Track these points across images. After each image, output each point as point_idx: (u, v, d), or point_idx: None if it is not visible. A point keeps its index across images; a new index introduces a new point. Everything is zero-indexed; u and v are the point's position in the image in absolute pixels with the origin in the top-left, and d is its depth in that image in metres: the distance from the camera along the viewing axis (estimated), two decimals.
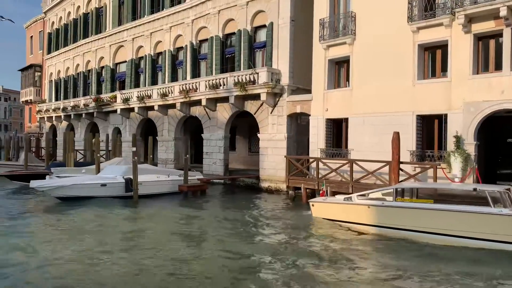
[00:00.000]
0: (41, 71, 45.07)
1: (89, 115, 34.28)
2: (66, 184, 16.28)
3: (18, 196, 19.59)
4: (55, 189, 16.19)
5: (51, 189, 16.17)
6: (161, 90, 26.43)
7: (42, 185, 16.13)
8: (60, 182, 16.34)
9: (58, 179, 16.76)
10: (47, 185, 16.16)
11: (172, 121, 27.30)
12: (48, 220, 13.44)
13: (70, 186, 16.32)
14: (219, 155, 24.15)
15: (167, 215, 14.77)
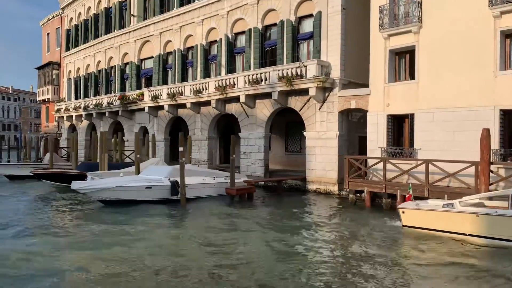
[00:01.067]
0: (59, 69, 44.03)
1: (112, 113, 33.10)
2: (110, 186, 15.02)
3: (54, 197, 18.36)
4: (98, 191, 14.95)
5: (94, 191, 14.93)
6: (194, 86, 25.11)
7: (84, 186, 14.89)
8: (103, 184, 15.08)
9: (101, 181, 15.51)
10: (89, 186, 14.92)
11: (205, 119, 25.98)
12: (106, 232, 12.01)
13: (114, 188, 15.05)
14: (258, 155, 22.79)
15: (224, 225, 13.35)
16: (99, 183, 15.12)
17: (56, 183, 21.35)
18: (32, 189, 21.72)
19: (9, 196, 19.14)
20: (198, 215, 14.54)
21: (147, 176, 16.75)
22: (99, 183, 15.17)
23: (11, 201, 17.58)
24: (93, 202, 16.24)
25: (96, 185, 14.99)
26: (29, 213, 14.62)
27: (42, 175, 21.39)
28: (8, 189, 21.83)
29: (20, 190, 21.78)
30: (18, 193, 20.15)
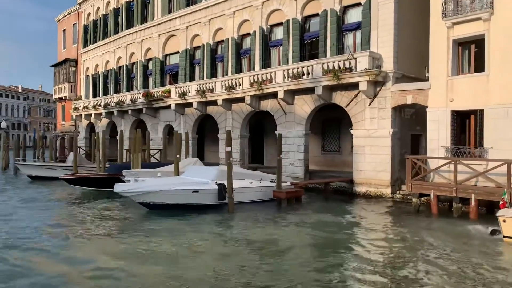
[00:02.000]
0: (76, 66, 43.09)
1: (135, 111, 32.02)
2: (155, 190, 13.84)
3: (90, 203, 17.20)
4: (142, 195, 13.78)
5: (138, 195, 13.76)
6: (226, 82, 23.88)
7: (128, 189, 13.72)
8: (148, 187, 13.90)
9: (145, 183, 14.30)
10: (133, 190, 13.74)
11: (237, 117, 24.75)
12: (162, 243, 10.76)
13: (160, 192, 13.87)
14: (298, 155, 21.52)
15: (282, 236, 12.11)
16: (143, 186, 13.94)
17: (88, 188, 20.19)
18: (62, 192, 20.64)
19: (40, 200, 18.05)
20: (249, 223, 13.30)
21: (191, 178, 15.53)
22: (143, 186, 13.99)
23: (45, 206, 16.48)
24: (134, 206, 15.08)
25: (140, 188, 13.82)
26: (70, 221, 13.43)
27: (73, 180, 20.18)
28: (35, 192, 20.81)
29: (48, 193, 20.75)
30: (48, 197, 19.06)
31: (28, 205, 16.54)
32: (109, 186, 20.34)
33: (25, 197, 18.82)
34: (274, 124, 27.00)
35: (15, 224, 12.97)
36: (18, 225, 12.81)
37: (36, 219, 13.72)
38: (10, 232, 11.70)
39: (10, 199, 18.26)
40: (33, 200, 18.00)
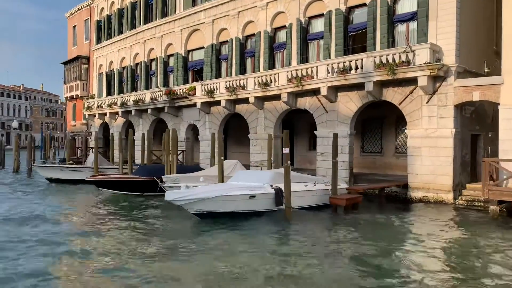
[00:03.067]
0: (88, 63, 41.68)
1: (155, 110, 30.57)
2: (210, 196, 12.40)
3: (133, 212, 15.70)
4: (196, 202, 12.34)
5: (191, 203, 12.33)
6: (260, 78, 22.43)
7: (181, 197, 12.27)
8: (202, 194, 12.44)
9: (197, 190, 12.79)
10: (187, 197, 12.28)
11: (271, 116, 23.30)
12: (230, 260, 9.34)
13: (215, 198, 12.43)
14: (341, 157, 19.97)
15: (355, 250, 10.68)
16: (197, 193, 12.46)
17: (118, 192, 18.78)
18: (90, 196, 19.24)
19: (72, 206, 16.64)
20: (313, 235, 11.86)
21: (244, 182, 14.06)
22: (197, 192, 12.51)
23: (81, 216, 15.05)
24: (180, 215, 13.64)
25: (194, 195, 12.35)
26: (117, 237, 11.93)
27: (102, 182, 18.73)
28: (59, 196, 19.49)
29: (76, 197, 19.40)
30: (80, 203, 17.65)
31: (62, 211, 15.07)
32: (140, 189, 19.04)
33: (54, 202, 17.32)
34: (305, 123, 25.75)
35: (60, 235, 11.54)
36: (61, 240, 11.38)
37: (79, 232, 12.26)
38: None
39: (39, 205, 16.76)
40: (65, 206, 16.53)
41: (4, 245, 10.39)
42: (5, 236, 11.31)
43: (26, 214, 14.64)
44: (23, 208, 15.83)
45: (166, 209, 16.12)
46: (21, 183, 25.71)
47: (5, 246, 10.29)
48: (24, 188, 22.90)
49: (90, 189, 22.29)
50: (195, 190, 12.66)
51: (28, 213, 14.71)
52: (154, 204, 17.06)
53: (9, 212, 15.11)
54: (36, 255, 9.68)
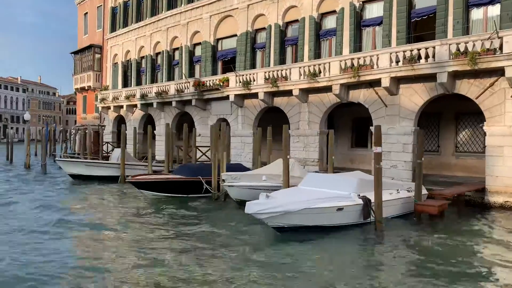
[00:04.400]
0: (101, 53, 39.61)
1: (180, 103, 28.63)
2: (295, 209, 10.51)
3: (178, 218, 13.83)
4: (279, 216, 10.47)
5: (273, 217, 10.46)
6: (307, 68, 20.55)
7: (264, 210, 10.35)
8: (287, 206, 10.52)
9: (277, 201, 10.74)
10: (269, 210, 10.37)
11: (316, 110, 21.45)
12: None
13: (300, 211, 10.56)
14: (403, 156, 18.27)
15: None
16: (279, 205, 10.51)
17: (159, 194, 16.92)
18: (129, 199, 17.36)
19: (114, 214, 14.67)
20: (416, 251, 10.07)
21: (320, 188, 12.16)
22: (278, 204, 10.55)
23: (138, 227, 13.12)
24: (251, 228, 11.78)
25: (278, 207, 10.42)
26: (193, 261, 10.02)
27: (142, 184, 16.81)
28: (95, 199, 17.54)
29: (108, 198, 17.50)
30: (124, 208, 15.70)
31: (113, 223, 13.08)
32: (184, 191, 17.20)
33: (96, 212, 15.20)
34: (347, 118, 24.00)
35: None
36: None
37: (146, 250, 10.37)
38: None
39: (78, 214, 14.81)
40: (114, 214, 14.48)
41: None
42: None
43: (64, 224, 12.73)
44: (61, 215, 13.94)
45: (224, 213, 14.33)
46: (41, 180, 23.80)
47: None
48: (50, 188, 20.90)
49: (122, 188, 20.51)
50: (277, 201, 10.71)
51: (67, 224, 12.73)
52: (207, 207, 15.29)
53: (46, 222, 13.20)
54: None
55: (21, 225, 12.13)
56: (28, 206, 15.37)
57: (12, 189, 20.09)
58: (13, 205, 15.59)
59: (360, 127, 24.26)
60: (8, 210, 14.75)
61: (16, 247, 9.84)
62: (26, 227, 11.87)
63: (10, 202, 16.16)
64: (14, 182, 22.52)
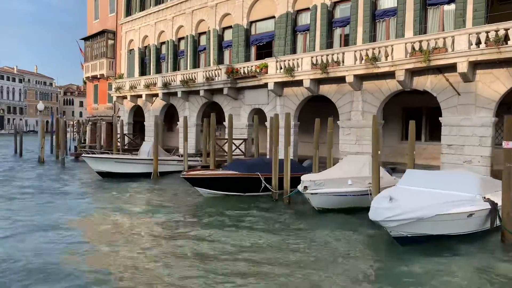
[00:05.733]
0: (115, 39, 37.31)
1: (208, 92, 26.55)
2: (428, 215, 8.64)
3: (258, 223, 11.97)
4: (408, 224, 8.60)
5: (404, 224, 8.59)
6: (365, 52, 18.56)
7: (394, 216, 8.49)
8: (418, 212, 8.64)
9: (404, 205, 8.87)
10: (401, 216, 8.51)
11: (372, 99, 19.52)
12: None
13: (432, 218, 8.69)
14: (479, 150, 16.41)
15: None
16: (408, 211, 8.62)
17: (216, 192, 15.03)
18: (188, 199, 15.44)
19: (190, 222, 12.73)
20: None
21: (431, 189, 10.23)
22: (407, 210, 8.66)
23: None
24: (354, 239, 9.93)
25: (408, 213, 8.54)
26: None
27: (197, 180, 14.87)
28: (143, 198, 15.67)
29: (156, 198, 15.60)
30: (186, 210, 13.80)
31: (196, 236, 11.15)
32: (241, 189, 15.34)
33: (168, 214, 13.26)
34: (397, 107, 22.10)
35: None
36: None
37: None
38: None
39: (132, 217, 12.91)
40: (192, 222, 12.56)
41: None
42: None
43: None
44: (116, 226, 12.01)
45: (303, 220, 12.46)
46: (67, 177, 21.82)
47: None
48: (84, 187, 18.88)
49: (162, 186, 18.64)
50: (403, 205, 8.78)
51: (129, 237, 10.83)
52: (277, 211, 13.48)
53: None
54: None
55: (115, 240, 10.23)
56: (95, 211, 13.47)
57: (48, 189, 18.05)
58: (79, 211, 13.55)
59: (411, 118, 22.41)
60: (80, 218, 12.70)
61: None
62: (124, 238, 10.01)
63: (70, 208, 13.99)
64: (43, 181, 20.38)
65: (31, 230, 10.89)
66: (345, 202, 12.94)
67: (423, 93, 19.70)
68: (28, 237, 10.25)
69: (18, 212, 13.00)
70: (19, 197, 15.69)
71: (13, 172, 23.56)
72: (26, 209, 13.46)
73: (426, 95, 20.01)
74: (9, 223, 11.56)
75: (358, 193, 12.84)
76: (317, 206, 13.11)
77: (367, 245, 9.75)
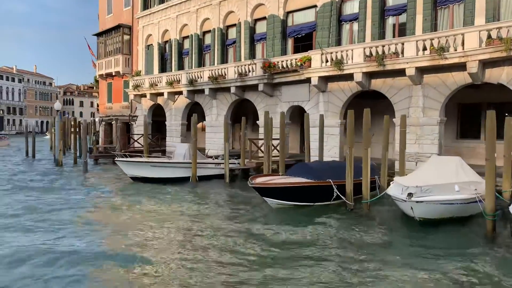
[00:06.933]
0: (131, 34, 35.40)
1: (240, 89, 24.71)
2: None
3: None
4: None
5: None
6: (429, 42, 16.76)
7: None
8: None
9: None
10: None
11: (435, 94, 17.74)
12: None
13: None
14: None
15: None
16: None
17: (285, 203, 13.17)
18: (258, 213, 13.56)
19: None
20: None
21: None
22: None
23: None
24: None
25: None
26: None
27: (268, 190, 12.98)
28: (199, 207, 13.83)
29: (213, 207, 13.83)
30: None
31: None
32: (311, 198, 13.52)
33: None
34: (453, 103, 20.26)
35: None
36: None
37: None
38: None
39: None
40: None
41: None
42: None
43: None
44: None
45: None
46: (98, 182, 19.97)
47: None
48: (126, 193, 16.91)
49: (205, 192, 16.84)
50: None
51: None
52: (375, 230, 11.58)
53: None
54: None
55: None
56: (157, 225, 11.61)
57: (98, 199, 16.05)
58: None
59: (467, 114, 20.71)
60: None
61: None
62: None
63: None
64: (78, 190, 18.17)
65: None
66: (450, 211, 11.22)
67: (480, 87, 18.02)
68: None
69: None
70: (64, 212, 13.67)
71: (40, 178, 21.37)
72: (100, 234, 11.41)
73: (486, 89, 18.33)
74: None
75: (467, 201, 11.11)
76: (420, 216, 11.32)
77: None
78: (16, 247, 9.54)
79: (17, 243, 9.89)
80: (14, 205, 14.41)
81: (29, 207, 13.88)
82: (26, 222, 11.97)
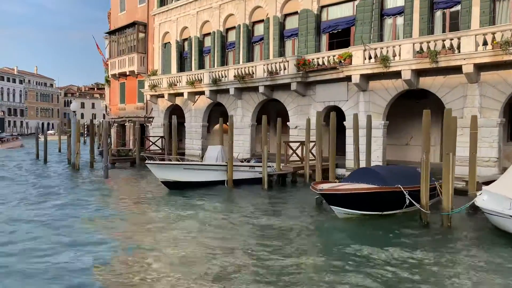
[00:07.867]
0: (146, 32, 33.97)
1: (268, 88, 23.29)
2: None
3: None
4: None
5: None
6: (490, 36, 15.38)
7: None
8: None
9: None
10: None
11: (494, 92, 16.36)
12: None
13: None
14: None
15: None
16: None
17: (353, 212, 11.71)
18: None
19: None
20: None
21: None
22: None
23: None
24: None
25: None
26: None
27: (336, 197, 11.50)
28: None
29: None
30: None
31: None
32: (381, 206, 12.09)
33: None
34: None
35: None
36: None
37: None
38: None
39: None
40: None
41: None
42: None
43: None
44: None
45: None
46: (130, 191, 18.40)
47: None
48: (175, 206, 14.82)
49: (247, 198, 15.38)
50: None
51: None
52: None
53: None
54: None
55: None
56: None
57: (127, 215, 13.97)
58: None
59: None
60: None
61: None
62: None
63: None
64: (113, 203, 16.08)
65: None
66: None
67: None
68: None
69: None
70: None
71: (64, 185, 19.78)
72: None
73: None
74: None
75: None
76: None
77: None
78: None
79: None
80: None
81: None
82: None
